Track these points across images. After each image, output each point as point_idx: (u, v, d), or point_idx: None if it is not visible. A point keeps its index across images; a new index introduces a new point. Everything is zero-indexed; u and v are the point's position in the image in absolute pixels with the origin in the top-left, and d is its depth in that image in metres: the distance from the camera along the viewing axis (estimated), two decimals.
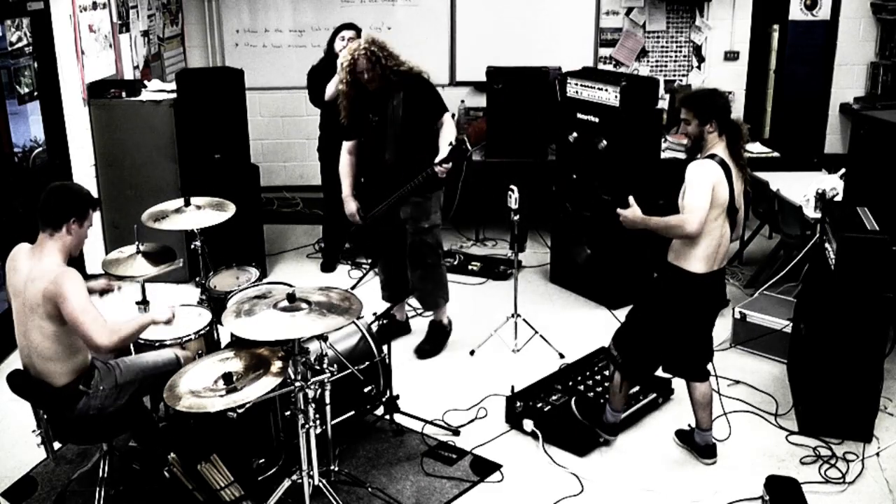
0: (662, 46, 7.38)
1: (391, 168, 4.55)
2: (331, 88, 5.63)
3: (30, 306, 3.15)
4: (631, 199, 3.64)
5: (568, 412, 4.02)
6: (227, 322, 3.29)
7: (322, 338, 3.44)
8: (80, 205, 3.26)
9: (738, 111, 7.43)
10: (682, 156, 5.98)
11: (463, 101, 7.20)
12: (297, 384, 3.22)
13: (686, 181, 3.49)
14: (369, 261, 6.13)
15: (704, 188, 3.42)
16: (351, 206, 4.73)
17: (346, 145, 4.77)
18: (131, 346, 3.79)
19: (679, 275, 3.54)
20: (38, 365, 3.21)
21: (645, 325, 3.71)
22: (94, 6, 5.69)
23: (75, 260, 3.41)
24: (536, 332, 4.98)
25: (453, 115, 7.05)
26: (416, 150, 4.50)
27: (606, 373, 4.39)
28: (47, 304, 3.10)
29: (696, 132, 3.56)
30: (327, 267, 6.17)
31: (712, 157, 3.49)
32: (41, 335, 3.16)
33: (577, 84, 5.41)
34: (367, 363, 3.86)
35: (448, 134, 4.50)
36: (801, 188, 5.18)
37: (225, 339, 4.03)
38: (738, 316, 4.86)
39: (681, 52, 7.39)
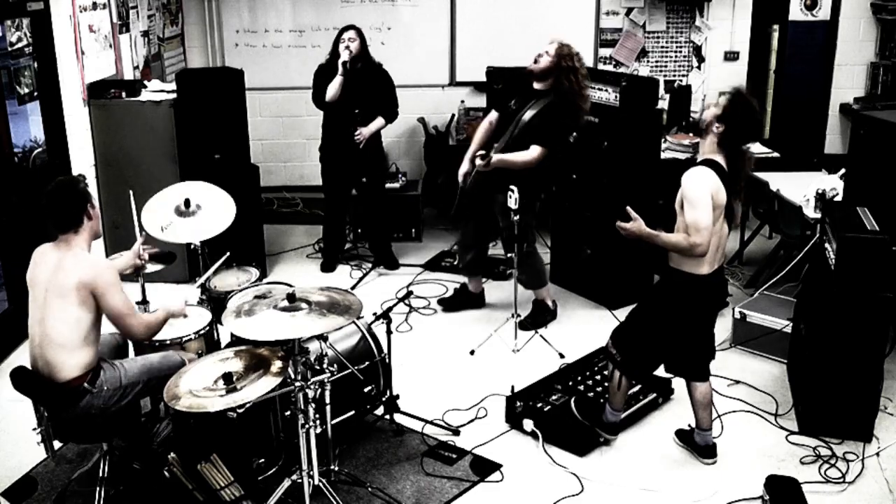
0: (662, 46, 7.38)
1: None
2: (331, 90, 5.64)
3: (57, 292, 3.20)
4: (630, 210, 3.57)
5: (568, 412, 4.02)
6: (227, 322, 3.30)
7: (322, 338, 3.44)
8: (82, 193, 3.33)
9: None
10: (682, 156, 6.00)
11: (463, 101, 7.20)
12: (297, 384, 3.22)
13: (684, 194, 3.42)
14: (369, 265, 6.15)
15: (706, 203, 3.35)
16: (463, 167, 4.99)
17: (492, 113, 5.06)
18: (131, 346, 3.82)
19: (682, 277, 3.52)
20: (48, 354, 3.22)
21: (646, 326, 3.70)
22: (94, 6, 5.69)
23: None
24: (536, 332, 4.98)
25: (454, 116, 7.13)
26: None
27: (606, 372, 4.39)
28: (82, 292, 3.19)
29: (708, 120, 3.42)
30: (327, 267, 6.17)
31: (707, 162, 3.44)
32: (60, 322, 3.20)
33: None
34: (367, 363, 3.86)
35: (514, 155, 4.69)
36: (801, 188, 5.18)
37: (225, 339, 4.03)
38: (738, 316, 4.86)
39: (681, 52, 7.39)
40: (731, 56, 7.37)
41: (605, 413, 3.93)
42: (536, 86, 4.78)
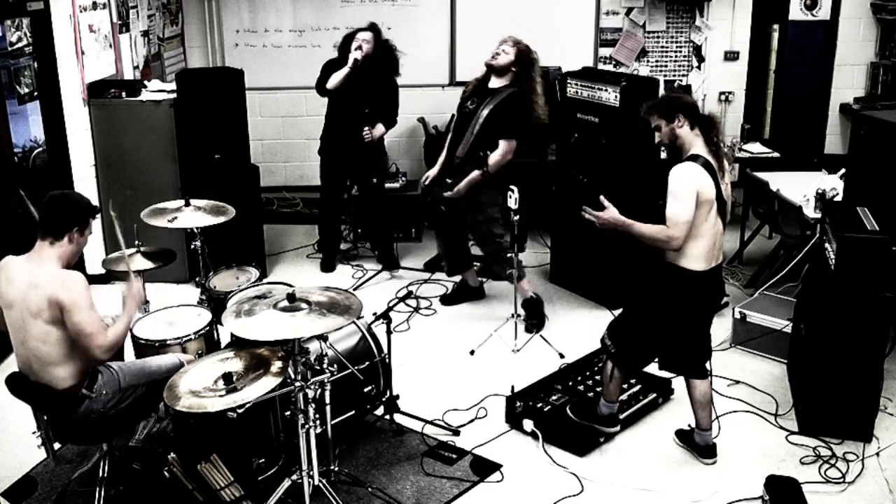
0: (662, 46, 7.38)
1: (457, 163, 5.00)
2: (334, 79, 5.63)
3: (31, 313, 3.12)
4: (603, 199, 3.61)
5: (566, 418, 4.02)
6: (227, 322, 3.29)
7: (322, 338, 3.44)
8: (82, 214, 3.26)
9: (738, 111, 7.45)
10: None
11: None
12: (297, 384, 3.22)
13: (669, 188, 3.45)
14: (370, 265, 6.15)
15: (686, 197, 3.39)
16: (428, 173, 5.27)
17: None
18: (131, 347, 3.81)
19: (681, 273, 3.52)
20: (40, 372, 3.19)
21: (642, 321, 3.71)
22: (94, 6, 5.69)
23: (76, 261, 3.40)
24: (536, 333, 4.98)
25: (454, 116, 7.12)
26: (479, 156, 4.90)
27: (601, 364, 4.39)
28: (52, 309, 3.09)
29: (668, 132, 3.56)
30: (327, 267, 6.16)
31: (694, 157, 3.47)
32: (42, 342, 3.14)
33: (577, 84, 5.41)
34: (367, 363, 3.86)
35: (491, 157, 4.85)
36: (801, 188, 5.18)
37: (225, 339, 4.03)
38: (738, 316, 4.86)
39: (681, 52, 7.39)
40: (731, 56, 7.38)
41: (600, 405, 3.94)
42: (493, 84, 4.96)
